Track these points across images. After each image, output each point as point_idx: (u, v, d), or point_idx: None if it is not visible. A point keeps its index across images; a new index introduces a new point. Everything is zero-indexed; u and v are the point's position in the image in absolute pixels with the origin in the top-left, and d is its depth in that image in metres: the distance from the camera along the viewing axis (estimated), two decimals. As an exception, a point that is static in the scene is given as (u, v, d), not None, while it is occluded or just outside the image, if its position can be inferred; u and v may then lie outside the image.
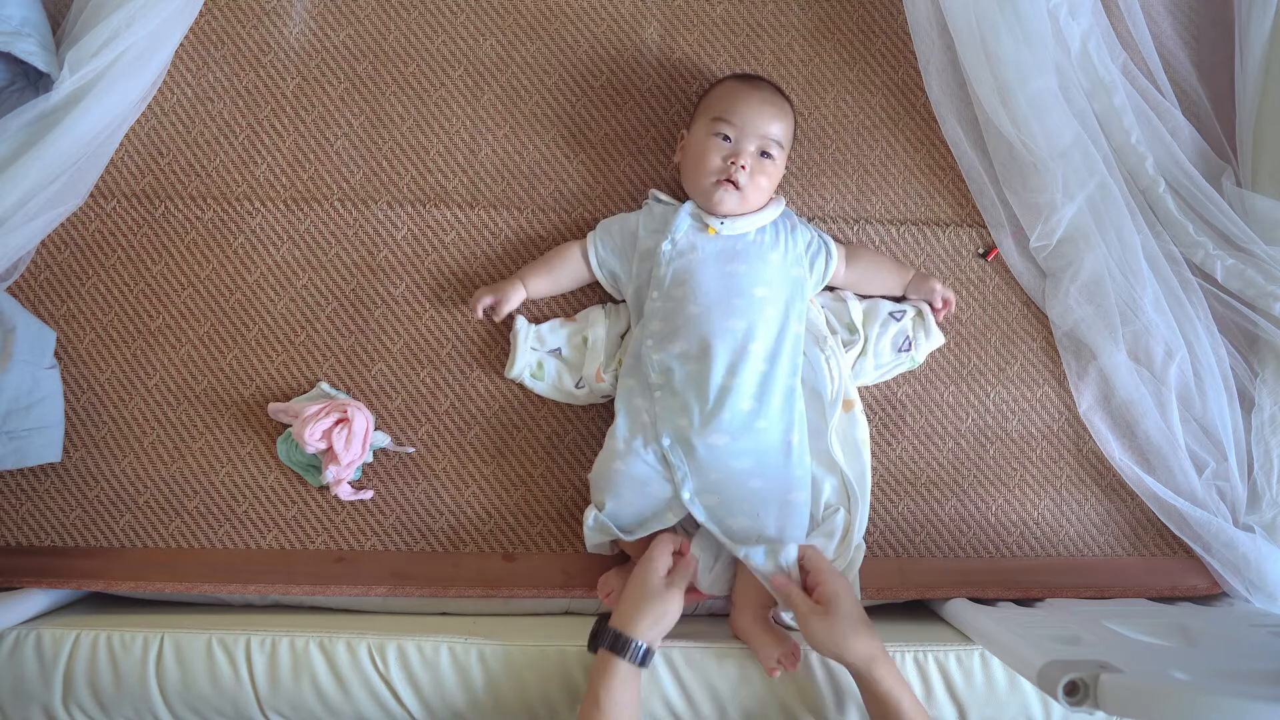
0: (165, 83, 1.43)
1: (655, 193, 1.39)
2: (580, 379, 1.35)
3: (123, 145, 1.40)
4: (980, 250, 1.47)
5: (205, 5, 1.44)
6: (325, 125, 1.44)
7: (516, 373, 1.34)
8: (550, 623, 1.31)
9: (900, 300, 1.41)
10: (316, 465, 1.32)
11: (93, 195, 1.39)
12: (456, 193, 1.43)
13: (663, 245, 1.30)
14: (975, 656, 1.21)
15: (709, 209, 1.32)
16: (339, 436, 1.27)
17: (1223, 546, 1.34)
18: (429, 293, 1.40)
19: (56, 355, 1.34)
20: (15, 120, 1.25)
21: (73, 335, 1.37)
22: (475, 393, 1.38)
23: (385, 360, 1.39)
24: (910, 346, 1.38)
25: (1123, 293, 1.37)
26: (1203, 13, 1.53)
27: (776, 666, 1.15)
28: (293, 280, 1.40)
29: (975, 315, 1.45)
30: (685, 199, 1.36)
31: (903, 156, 1.49)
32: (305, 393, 1.37)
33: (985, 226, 1.47)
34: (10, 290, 1.34)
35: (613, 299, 1.40)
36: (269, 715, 1.20)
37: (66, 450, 1.33)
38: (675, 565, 1.20)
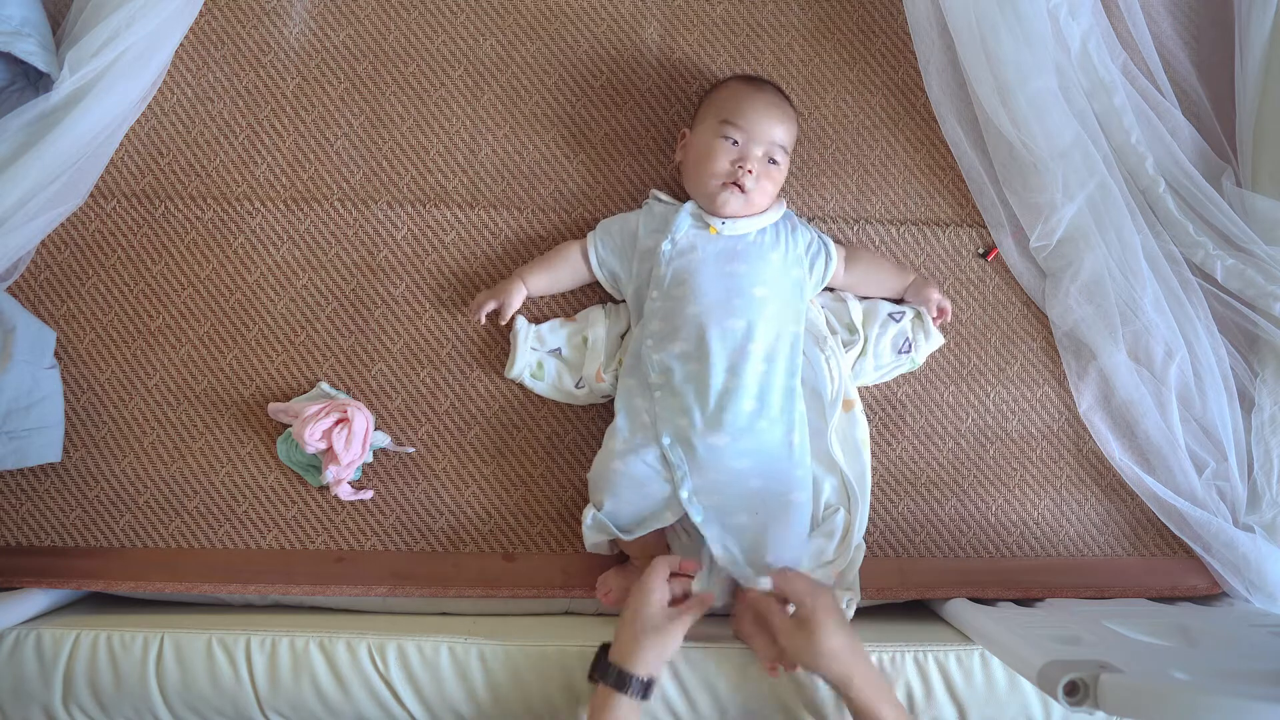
0: (165, 83, 1.43)
1: (656, 193, 1.39)
2: (580, 379, 1.35)
3: (123, 145, 1.40)
4: (980, 250, 1.47)
5: (205, 5, 1.44)
6: (325, 125, 1.44)
7: (516, 373, 1.34)
8: (550, 623, 1.31)
9: (899, 303, 1.41)
10: (316, 465, 1.32)
11: (93, 195, 1.39)
12: (456, 193, 1.43)
13: (663, 245, 1.30)
14: (975, 656, 1.21)
15: (712, 210, 1.32)
16: (339, 436, 1.27)
17: (1223, 546, 1.34)
18: (429, 293, 1.40)
19: (56, 355, 1.34)
20: (15, 120, 1.25)
21: (73, 335, 1.37)
22: (475, 393, 1.38)
23: (385, 360, 1.39)
24: (910, 348, 1.38)
25: (1123, 293, 1.37)
26: (1203, 13, 1.53)
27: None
28: (293, 280, 1.40)
29: (975, 315, 1.45)
30: (685, 198, 1.36)
31: (903, 156, 1.49)
32: (305, 393, 1.37)
33: (985, 226, 1.47)
34: (10, 290, 1.34)
35: (613, 299, 1.40)
36: (269, 715, 1.20)
37: (66, 450, 1.33)
38: (689, 601, 1.17)
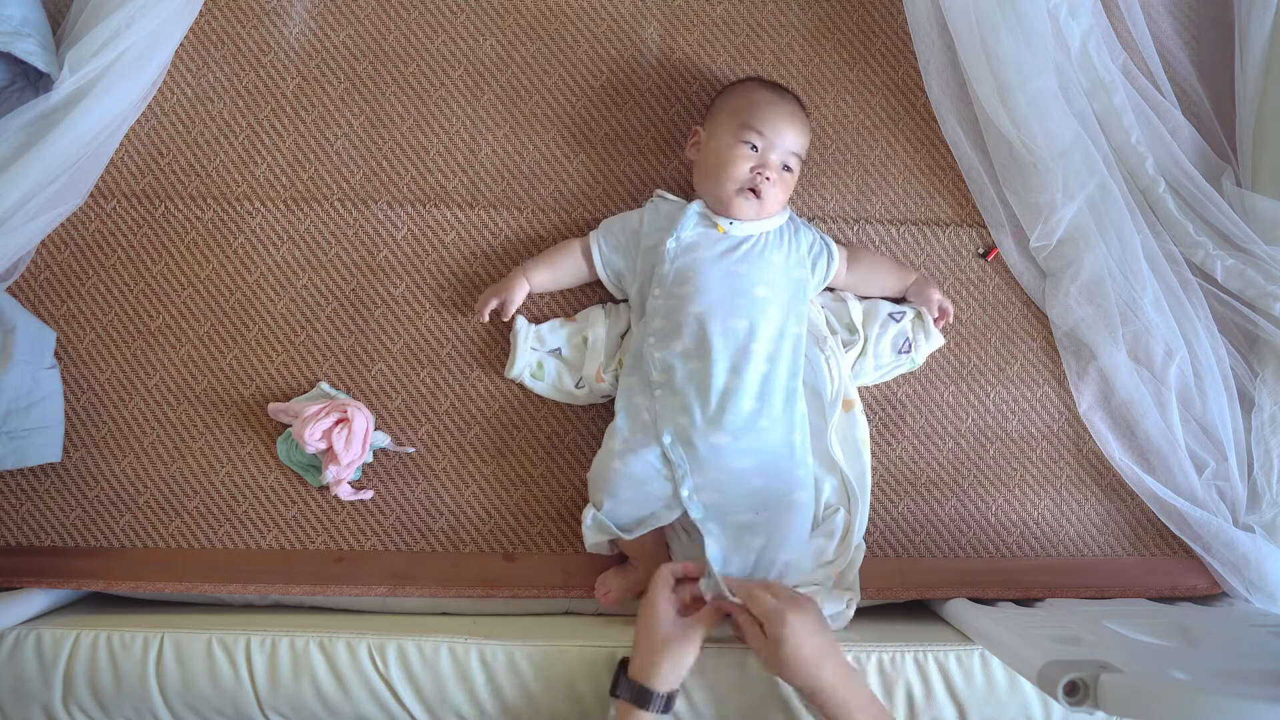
0: (165, 83, 1.43)
1: (661, 192, 1.39)
2: (580, 379, 1.35)
3: (123, 145, 1.40)
4: (980, 250, 1.47)
5: (205, 5, 1.44)
6: (325, 125, 1.44)
7: (516, 373, 1.34)
8: (550, 623, 1.31)
9: (900, 302, 1.41)
10: (316, 465, 1.32)
11: (93, 195, 1.39)
12: (456, 193, 1.43)
13: (668, 242, 1.30)
14: (975, 656, 1.21)
15: (724, 212, 1.31)
16: (339, 436, 1.27)
17: (1223, 546, 1.34)
18: (429, 293, 1.40)
19: (56, 355, 1.34)
20: (15, 120, 1.25)
21: (73, 335, 1.37)
22: (475, 393, 1.38)
23: (385, 360, 1.39)
24: (910, 348, 1.38)
25: (1123, 293, 1.37)
26: (1203, 13, 1.53)
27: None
28: (293, 280, 1.40)
29: (975, 315, 1.45)
30: (690, 195, 1.36)
31: (903, 156, 1.49)
32: (305, 393, 1.37)
33: (985, 226, 1.46)
34: (10, 290, 1.34)
35: (613, 299, 1.40)
36: (269, 715, 1.20)
37: (66, 450, 1.33)
38: (701, 612, 1.15)
